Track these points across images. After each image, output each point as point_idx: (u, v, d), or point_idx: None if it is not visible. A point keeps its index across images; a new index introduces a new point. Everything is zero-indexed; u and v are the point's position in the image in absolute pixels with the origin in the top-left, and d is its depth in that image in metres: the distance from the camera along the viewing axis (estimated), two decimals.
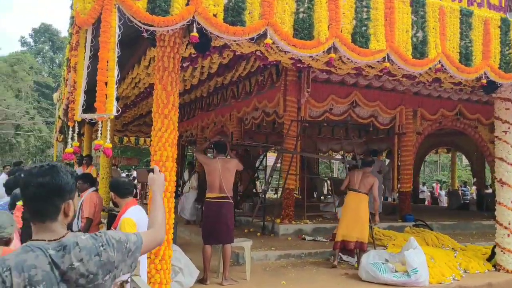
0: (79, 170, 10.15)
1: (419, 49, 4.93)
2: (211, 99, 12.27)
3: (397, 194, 10.67)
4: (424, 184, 21.08)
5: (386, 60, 4.81)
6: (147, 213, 3.99)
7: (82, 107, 3.65)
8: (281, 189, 13.15)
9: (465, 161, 23.54)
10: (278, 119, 9.53)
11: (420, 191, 17.48)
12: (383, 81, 9.32)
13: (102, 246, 1.52)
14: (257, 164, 12.86)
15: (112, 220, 5.66)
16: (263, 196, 8.82)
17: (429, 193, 19.44)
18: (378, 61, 4.85)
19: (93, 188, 6.18)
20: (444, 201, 17.98)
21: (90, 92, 3.70)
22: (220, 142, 5.95)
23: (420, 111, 10.04)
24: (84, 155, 10.66)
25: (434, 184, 24.30)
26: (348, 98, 9.22)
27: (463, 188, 17.53)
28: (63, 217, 1.54)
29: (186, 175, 10.64)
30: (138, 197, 17.73)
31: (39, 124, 35.05)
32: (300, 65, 6.42)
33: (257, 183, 12.64)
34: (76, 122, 3.97)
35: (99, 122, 4.08)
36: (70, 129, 4.09)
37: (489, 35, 5.34)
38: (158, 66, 4.61)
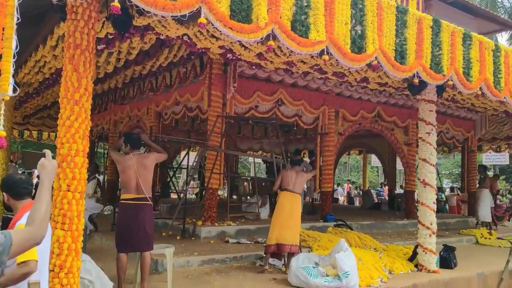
0: None
1: (358, 44, 4.73)
2: (127, 91, 11.35)
3: (319, 194, 10.66)
4: (338, 184, 21.78)
5: (325, 53, 4.50)
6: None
7: None
8: (198, 189, 12.66)
9: (373, 163, 24.85)
10: (202, 115, 8.98)
11: (333, 190, 18.02)
12: (309, 80, 9.22)
13: None
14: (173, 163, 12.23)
15: (5, 226, 4.78)
16: (183, 197, 8.21)
17: (345, 193, 20.10)
18: (315, 55, 4.54)
19: None
20: (356, 201, 18.67)
21: None
22: (132, 135, 5.26)
23: (342, 112, 10.09)
24: None
25: (345, 184, 25.28)
26: (274, 95, 8.96)
27: (379, 189, 18.32)
28: None
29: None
30: None
31: None
32: (229, 56, 5.97)
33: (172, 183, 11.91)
34: None
35: None
36: None
37: (422, 35, 5.32)
38: (69, 43, 3.88)
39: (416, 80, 5.41)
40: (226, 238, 7.76)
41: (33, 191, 3.00)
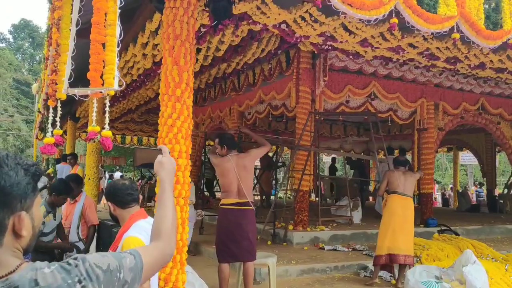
0: (65, 168, 9.00)
1: (492, 18, 3.96)
2: (208, 92, 11.19)
3: (417, 196, 9.74)
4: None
5: (455, 31, 3.79)
6: None
7: (69, 79, 2.55)
8: (286, 191, 12.18)
9: (461, 161, 22.92)
10: (288, 113, 8.50)
11: None
12: (404, 70, 8.40)
13: (80, 282, 0.97)
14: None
15: (103, 235, 4.59)
16: (273, 200, 7.77)
17: (440, 194, 18.68)
18: (445, 32, 3.84)
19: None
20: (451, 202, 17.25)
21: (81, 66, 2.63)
22: (226, 135, 4.78)
23: (442, 104, 9.11)
24: (67, 154, 9.48)
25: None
26: (366, 89, 8.24)
27: (478, 189, 16.77)
28: (12, 239, 1.00)
29: None
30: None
31: (18, 122, 33.35)
32: (327, 45, 5.42)
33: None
34: (60, 104, 2.85)
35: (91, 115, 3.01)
36: (51, 111, 2.95)
37: None
38: (167, 34, 3.53)
39: None
40: (320, 244, 7.20)
41: (140, 197, 2.66)
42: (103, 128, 2.38)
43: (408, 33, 4.81)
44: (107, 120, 2.43)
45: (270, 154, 11.92)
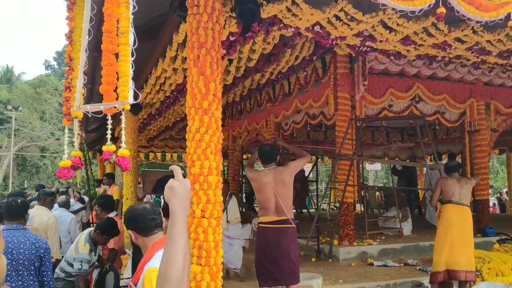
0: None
1: None
2: (243, 105, 10.98)
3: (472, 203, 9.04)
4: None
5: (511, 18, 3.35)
6: None
7: (84, 96, 2.33)
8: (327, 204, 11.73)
9: None
10: (326, 121, 8.11)
11: None
12: (450, 70, 7.84)
13: None
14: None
15: (137, 259, 4.37)
16: (317, 214, 7.37)
17: (496, 200, 17.59)
18: (500, 20, 3.39)
19: (115, 213, 5.03)
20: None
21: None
22: (264, 146, 4.42)
23: (493, 103, 8.46)
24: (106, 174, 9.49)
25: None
26: (409, 92, 7.74)
27: None
28: None
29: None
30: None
31: (64, 145, 34.54)
32: (365, 46, 5.05)
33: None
34: (78, 122, 2.65)
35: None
36: (66, 130, 2.76)
37: None
38: (192, 43, 3.30)
39: None
40: (369, 259, 6.72)
41: (163, 221, 2.39)
42: (119, 147, 2.14)
43: (456, 27, 4.38)
44: (123, 138, 2.18)
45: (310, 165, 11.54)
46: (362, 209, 10.85)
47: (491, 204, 17.41)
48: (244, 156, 11.18)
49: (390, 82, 7.63)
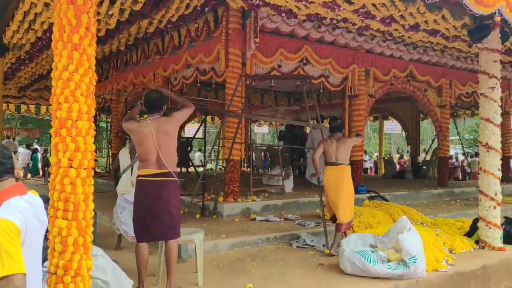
0: None
1: None
2: (130, 56, 10.29)
3: None
4: (365, 152, 20.83)
5: None
6: (46, 204, 2.31)
7: None
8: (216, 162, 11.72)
9: (385, 131, 23.78)
10: (217, 77, 7.93)
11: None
12: (337, 34, 8.12)
13: None
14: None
15: None
16: (202, 171, 7.26)
17: (373, 163, 19.21)
18: None
19: None
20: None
21: None
22: (149, 94, 4.02)
23: (372, 71, 9.02)
24: None
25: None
26: (298, 53, 7.88)
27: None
28: None
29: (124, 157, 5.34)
30: (41, 175, 15.21)
31: None
32: (255, 1, 4.89)
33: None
34: None
35: None
36: None
37: None
38: None
39: (498, 18, 4.33)
40: (252, 215, 6.87)
41: (14, 166, 2.04)
42: None
43: None
44: None
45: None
46: (248, 168, 11.07)
47: (368, 166, 19.11)
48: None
49: (280, 42, 7.67)
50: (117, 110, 11.61)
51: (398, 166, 17.51)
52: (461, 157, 20.50)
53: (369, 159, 20.55)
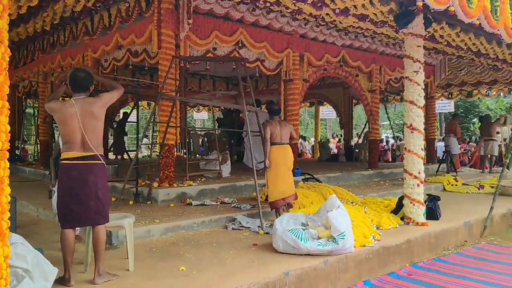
0: None
1: None
2: (57, 37, 9.73)
3: None
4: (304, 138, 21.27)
5: None
6: None
7: None
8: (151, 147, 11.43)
9: (321, 116, 24.45)
10: (149, 59, 7.68)
11: None
12: (271, 18, 8.15)
13: None
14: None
15: None
16: (135, 156, 7.05)
17: (310, 146, 19.68)
18: None
19: None
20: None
21: None
22: (79, 72, 3.80)
23: (306, 55, 9.18)
24: None
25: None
26: (233, 36, 7.84)
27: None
28: None
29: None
30: None
31: None
32: None
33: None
34: None
35: None
36: None
37: None
38: None
39: (420, 3, 4.55)
40: (187, 200, 6.79)
41: None
42: None
43: None
44: None
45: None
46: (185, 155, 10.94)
47: (307, 151, 19.59)
48: None
49: (215, 24, 7.58)
50: (44, 95, 10.95)
51: (336, 150, 18.12)
52: (391, 141, 21.53)
53: (308, 144, 21.11)
